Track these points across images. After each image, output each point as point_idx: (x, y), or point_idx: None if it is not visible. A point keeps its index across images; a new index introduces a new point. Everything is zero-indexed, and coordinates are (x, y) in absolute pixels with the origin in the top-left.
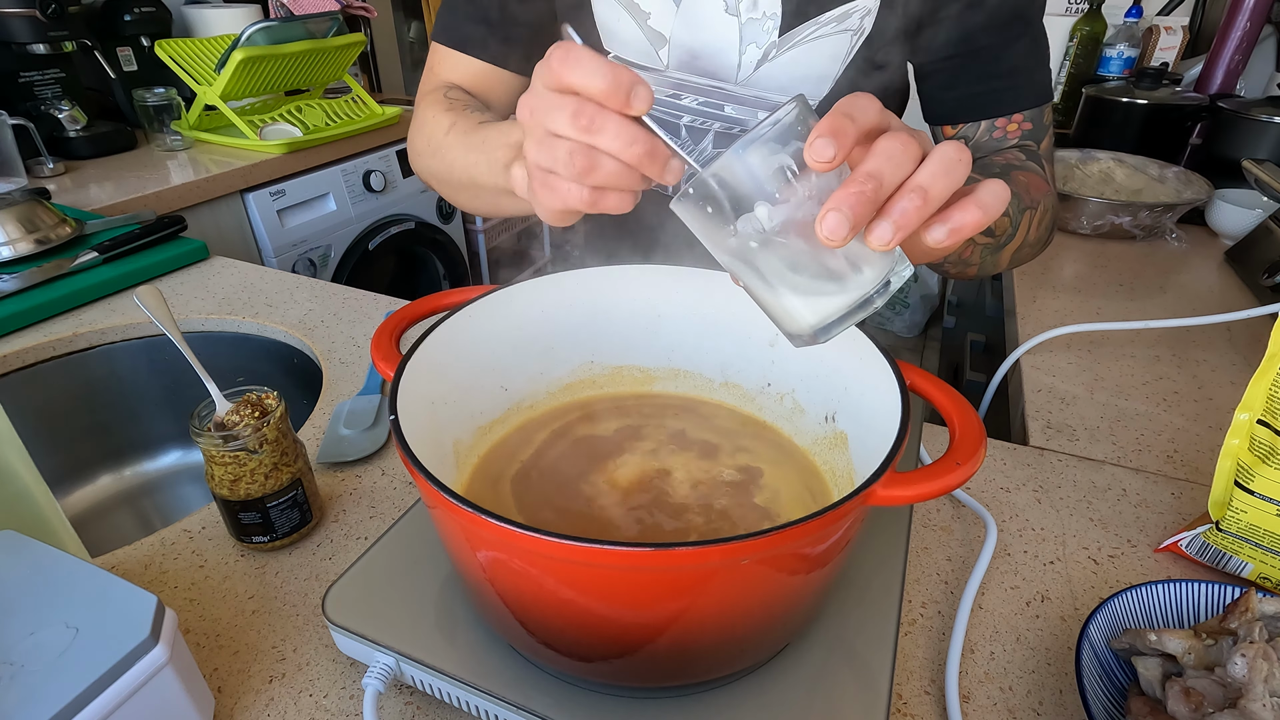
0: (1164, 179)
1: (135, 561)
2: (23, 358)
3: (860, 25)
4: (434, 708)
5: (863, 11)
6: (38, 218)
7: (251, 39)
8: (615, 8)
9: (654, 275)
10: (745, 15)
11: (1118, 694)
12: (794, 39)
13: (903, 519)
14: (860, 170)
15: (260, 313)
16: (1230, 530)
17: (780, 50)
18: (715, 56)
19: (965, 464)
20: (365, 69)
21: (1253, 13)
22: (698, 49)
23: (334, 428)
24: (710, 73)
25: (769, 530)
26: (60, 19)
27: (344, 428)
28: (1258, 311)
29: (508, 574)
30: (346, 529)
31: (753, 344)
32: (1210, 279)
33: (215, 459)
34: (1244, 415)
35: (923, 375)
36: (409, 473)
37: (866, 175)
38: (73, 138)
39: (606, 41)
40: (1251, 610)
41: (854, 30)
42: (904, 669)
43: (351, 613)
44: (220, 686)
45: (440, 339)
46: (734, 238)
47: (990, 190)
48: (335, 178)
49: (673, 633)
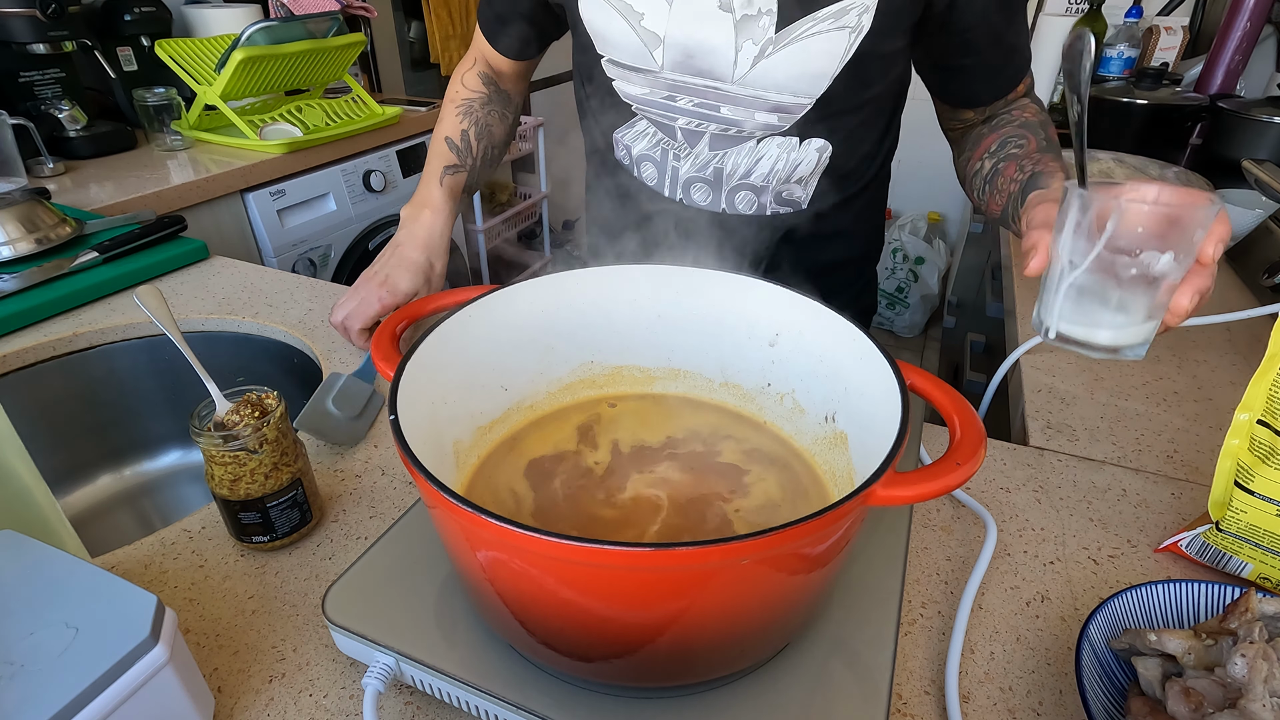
0: (1164, 179)
1: (135, 561)
2: (23, 358)
3: (859, 23)
4: (434, 708)
5: (860, 9)
6: (38, 217)
7: (251, 39)
8: (607, 10)
9: (654, 275)
10: (740, 12)
11: (1118, 694)
12: (790, 35)
13: (903, 519)
14: (1202, 287)
15: (260, 313)
16: (1230, 530)
17: (777, 47)
18: (710, 55)
19: (965, 464)
20: (365, 69)
21: (1253, 13)
22: (692, 48)
23: (322, 397)
24: (706, 72)
25: (769, 530)
26: (60, 19)
27: (332, 404)
28: (1258, 311)
29: (508, 574)
30: (346, 529)
31: (753, 344)
32: None
33: (215, 459)
34: (1244, 415)
35: (923, 375)
36: (409, 473)
37: (1202, 292)
38: (73, 138)
39: (600, 45)
40: (1251, 610)
41: (851, 28)
42: (904, 669)
43: (351, 613)
44: (220, 686)
45: (440, 339)
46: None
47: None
48: (335, 178)
49: (673, 633)
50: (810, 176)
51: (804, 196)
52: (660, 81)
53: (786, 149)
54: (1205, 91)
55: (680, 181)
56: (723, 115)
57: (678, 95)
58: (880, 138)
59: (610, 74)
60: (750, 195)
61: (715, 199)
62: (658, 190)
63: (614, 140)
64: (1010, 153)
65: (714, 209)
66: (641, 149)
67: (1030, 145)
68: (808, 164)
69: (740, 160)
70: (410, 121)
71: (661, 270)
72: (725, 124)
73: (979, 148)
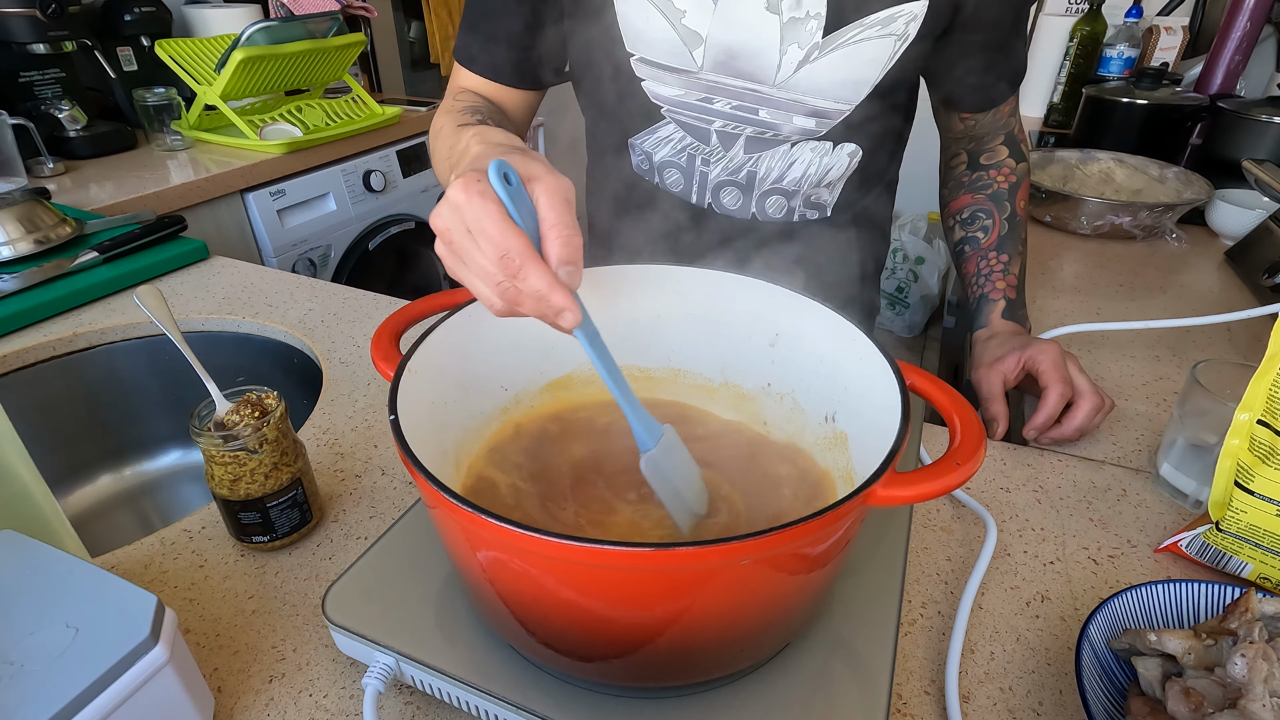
0: (1164, 179)
1: (135, 561)
2: (23, 358)
3: (905, 30)
4: (434, 708)
5: (909, 17)
6: (38, 217)
7: (251, 39)
8: (646, 7)
9: (654, 275)
10: (788, 14)
11: (1118, 694)
12: (838, 40)
13: (903, 519)
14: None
15: (260, 313)
16: (1230, 530)
17: (823, 52)
18: (754, 57)
19: (965, 464)
20: (365, 69)
21: (1253, 13)
22: (736, 49)
23: None
24: (748, 74)
25: (769, 530)
26: (60, 19)
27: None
28: (1258, 311)
29: (508, 574)
30: (346, 529)
31: (753, 344)
32: (1210, 279)
33: (215, 459)
34: (1244, 415)
35: (923, 375)
36: (409, 473)
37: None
38: (73, 138)
39: (631, 43)
40: (1251, 610)
41: (898, 35)
42: (904, 669)
43: (351, 613)
44: (220, 686)
45: (440, 339)
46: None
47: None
48: (335, 178)
49: (673, 633)
50: (839, 181)
51: (830, 200)
52: (697, 82)
53: (820, 153)
54: (1205, 91)
55: (710, 186)
56: (760, 118)
57: (715, 97)
58: (898, 138)
59: (640, 74)
60: (781, 199)
61: (745, 204)
62: (683, 198)
63: (630, 146)
64: (974, 235)
65: (743, 214)
66: (665, 155)
67: (992, 232)
68: (839, 168)
69: (774, 164)
70: (410, 121)
71: (662, 270)
72: (762, 127)
73: (955, 200)
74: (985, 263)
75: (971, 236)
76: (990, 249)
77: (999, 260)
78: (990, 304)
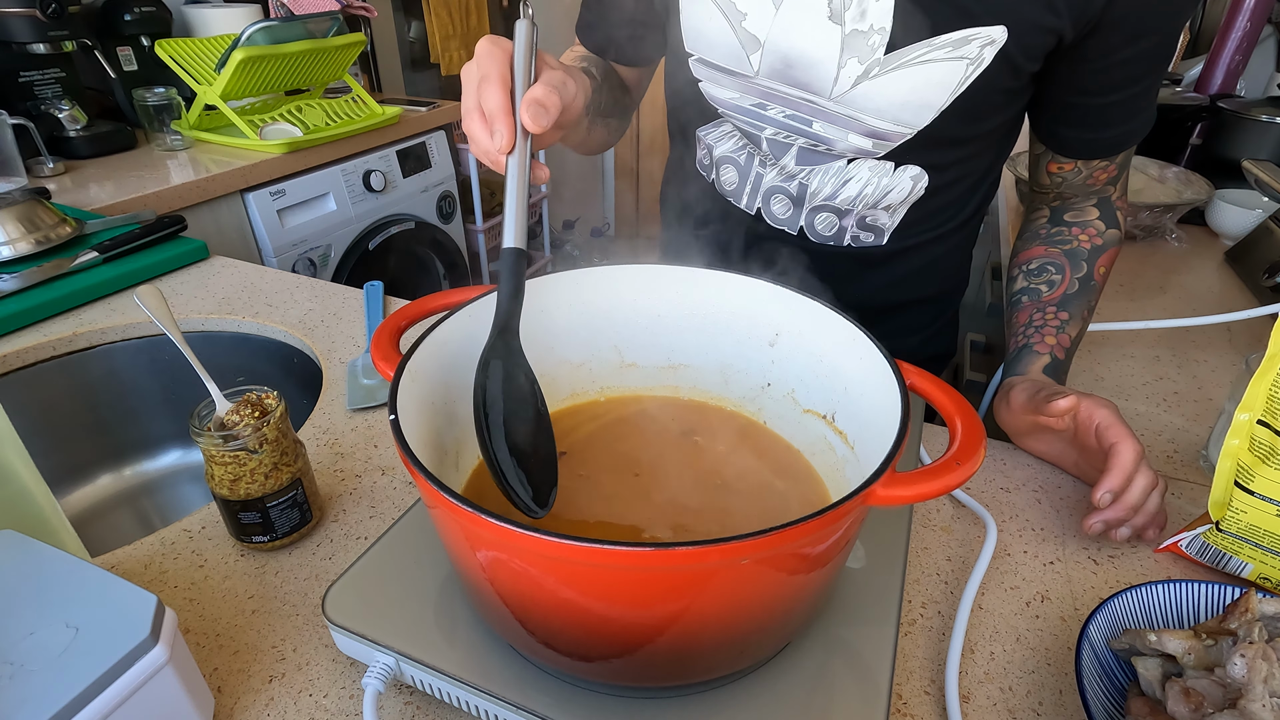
0: (1164, 179)
1: (135, 561)
2: (23, 357)
3: (979, 55)
4: (434, 708)
5: (985, 40)
6: (38, 217)
7: (252, 39)
8: (709, 7)
9: (654, 275)
10: (850, 26)
11: (1118, 694)
12: (901, 59)
13: (903, 519)
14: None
15: (260, 313)
16: (1230, 530)
17: (884, 70)
18: (811, 67)
19: (965, 464)
20: (365, 69)
21: (1253, 13)
22: (794, 57)
23: (353, 379)
24: (803, 84)
25: (769, 530)
26: (60, 19)
27: (364, 378)
28: (1258, 311)
29: (508, 574)
30: (346, 529)
31: (753, 344)
32: (1210, 279)
33: (215, 459)
34: (1244, 415)
35: (923, 375)
36: (409, 473)
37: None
38: (73, 137)
39: (691, 43)
40: (1251, 610)
41: (970, 60)
42: (904, 669)
43: (351, 613)
44: (220, 686)
45: (440, 339)
46: None
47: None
48: (335, 178)
49: (673, 633)
50: (900, 205)
51: (889, 225)
52: (753, 88)
53: (878, 174)
54: (1205, 91)
55: (762, 189)
56: (814, 131)
57: (769, 104)
58: (984, 174)
59: (698, 74)
60: (832, 217)
61: (795, 215)
62: (734, 200)
63: (697, 137)
64: (1037, 287)
65: (791, 226)
66: (725, 150)
67: (1059, 287)
68: (900, 191)
69: (826, 180)
70: (410, 121)
71: (661, 270)
72: (815, 140)
73: (1026, 251)
74: (1041, 315)
75: (1034, 288)
76: (1051, 304)
77: (1057, 316)
78: (1033, 356)
